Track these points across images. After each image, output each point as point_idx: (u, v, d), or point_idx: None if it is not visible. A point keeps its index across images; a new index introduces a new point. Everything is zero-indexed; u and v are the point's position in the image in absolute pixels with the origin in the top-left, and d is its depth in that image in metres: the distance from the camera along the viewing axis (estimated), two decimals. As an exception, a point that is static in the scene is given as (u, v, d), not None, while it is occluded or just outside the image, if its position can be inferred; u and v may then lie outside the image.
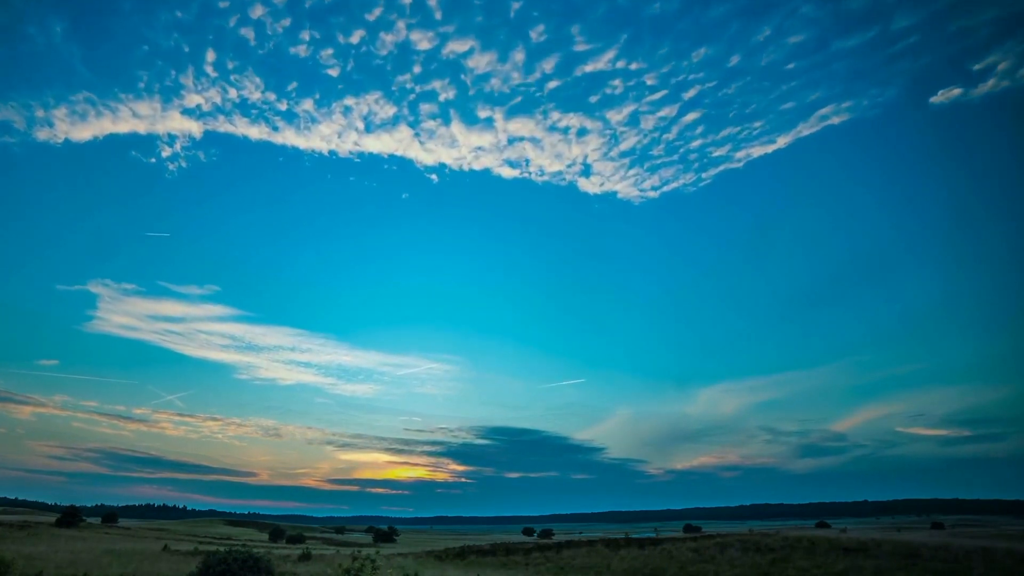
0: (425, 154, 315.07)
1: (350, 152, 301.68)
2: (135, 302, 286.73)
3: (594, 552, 32.57)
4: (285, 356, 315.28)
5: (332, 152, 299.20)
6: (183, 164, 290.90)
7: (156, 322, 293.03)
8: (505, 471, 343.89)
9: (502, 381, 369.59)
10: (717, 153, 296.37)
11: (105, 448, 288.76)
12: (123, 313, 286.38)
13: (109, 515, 68.20)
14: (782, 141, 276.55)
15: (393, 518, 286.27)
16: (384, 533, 76.58)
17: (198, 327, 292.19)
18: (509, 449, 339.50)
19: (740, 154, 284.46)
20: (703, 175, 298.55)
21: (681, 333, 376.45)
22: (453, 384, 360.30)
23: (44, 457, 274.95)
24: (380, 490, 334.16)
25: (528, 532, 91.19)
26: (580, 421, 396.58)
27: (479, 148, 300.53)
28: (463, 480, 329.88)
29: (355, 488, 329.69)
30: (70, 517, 51.38)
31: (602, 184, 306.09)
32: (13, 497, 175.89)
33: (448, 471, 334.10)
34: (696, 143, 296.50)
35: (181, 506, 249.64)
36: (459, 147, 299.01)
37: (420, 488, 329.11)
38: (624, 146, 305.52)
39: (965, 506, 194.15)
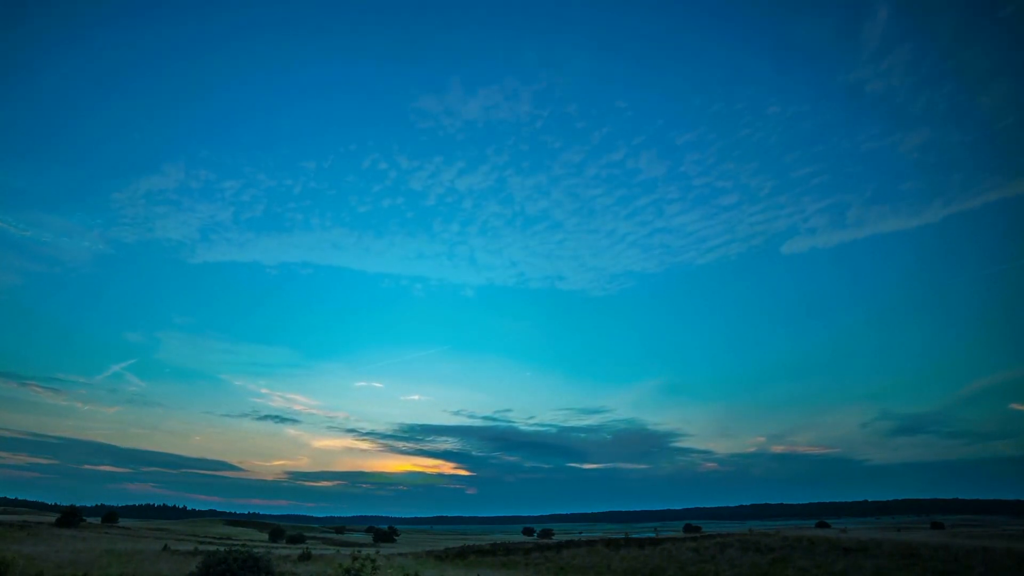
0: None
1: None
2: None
3: (594, 552, 32.57)
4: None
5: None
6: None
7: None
8: (512, 467, 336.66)
9: (507, 372, 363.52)
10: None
11: (46, 434, 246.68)
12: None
13: (109, 515, 68.16)
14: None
15: (393, 518, 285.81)
16: (384, 533, 76.61)
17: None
18: (518, 441, 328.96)
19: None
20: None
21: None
22: (455, 380, 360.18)
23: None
24: (371, 485, 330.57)
25: (528, 532, 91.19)
26: (594, 397, 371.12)
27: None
28: (463, 474, 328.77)
29: (347, 483, 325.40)
30: (70, 517, 51.36)
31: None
32: (13, 497, 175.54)
33: (449, 468, 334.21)
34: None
35: (181, 506, 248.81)
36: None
37: (420, 486, 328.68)
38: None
39: (965, 506, 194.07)
